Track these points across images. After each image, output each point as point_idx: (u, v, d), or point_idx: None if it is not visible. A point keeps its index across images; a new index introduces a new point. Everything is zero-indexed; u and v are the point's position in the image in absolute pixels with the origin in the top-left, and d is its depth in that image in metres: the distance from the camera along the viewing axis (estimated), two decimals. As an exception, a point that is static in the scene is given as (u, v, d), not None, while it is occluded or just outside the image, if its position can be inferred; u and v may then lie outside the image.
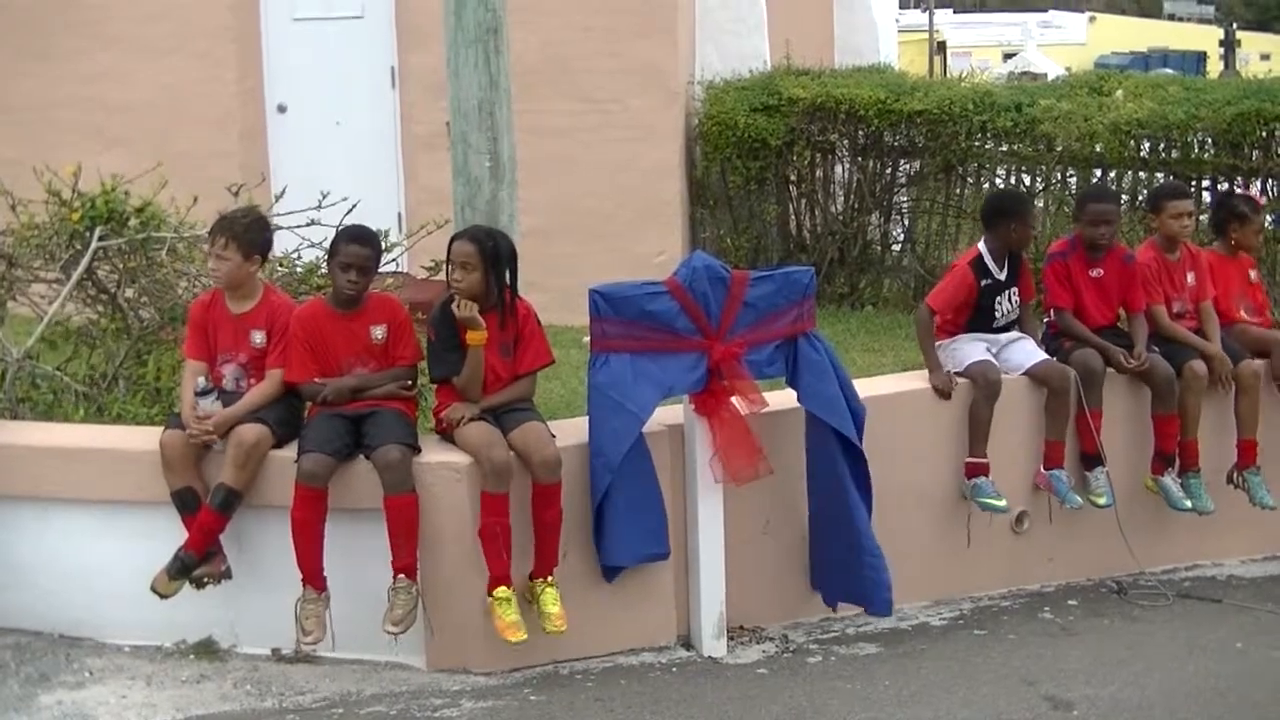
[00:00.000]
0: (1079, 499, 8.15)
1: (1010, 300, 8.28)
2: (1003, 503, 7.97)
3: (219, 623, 7.23)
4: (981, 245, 8.34)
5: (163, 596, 6.93)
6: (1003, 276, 8.25)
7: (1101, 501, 8.18)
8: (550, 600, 6.91)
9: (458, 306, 6.94)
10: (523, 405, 7.15)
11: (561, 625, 6.88)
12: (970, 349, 8.12)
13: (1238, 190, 10.44)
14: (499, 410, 7.04)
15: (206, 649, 7.22)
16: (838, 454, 7.36)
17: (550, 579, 6.96)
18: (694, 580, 7.41)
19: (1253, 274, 9.02)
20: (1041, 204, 12.87)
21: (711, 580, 7.38)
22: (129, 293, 8.56)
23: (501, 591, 6.80)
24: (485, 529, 6.78)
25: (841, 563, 7.51)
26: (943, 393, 8.01)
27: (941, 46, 49.79)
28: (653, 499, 7.22)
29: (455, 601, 6.99)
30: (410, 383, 7.26)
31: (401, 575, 6.78)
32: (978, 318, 8.23)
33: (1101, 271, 8.45)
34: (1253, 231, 8.91)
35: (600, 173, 12.77)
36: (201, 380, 7.05)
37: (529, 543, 6.94)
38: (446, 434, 7.06)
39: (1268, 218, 9.11)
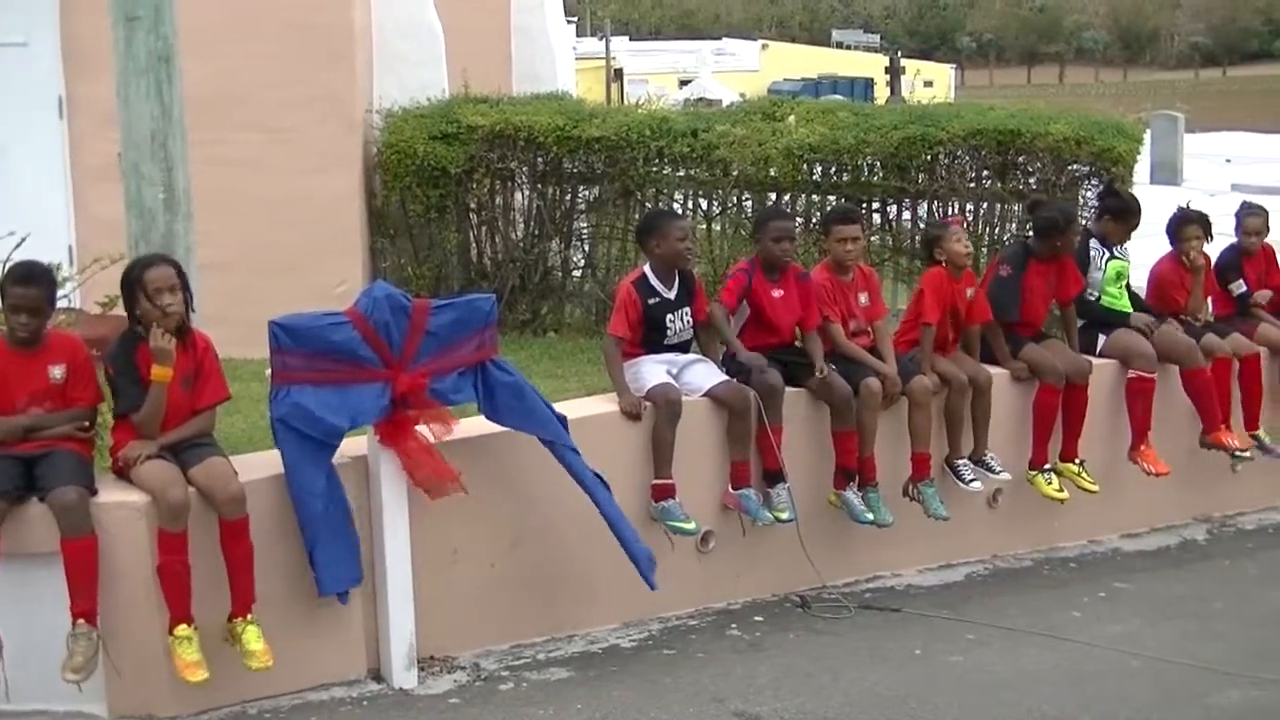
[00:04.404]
0: (769, 515, 8.32)
1: (682, 319, 8.41)
2: (691, 525, 8.09)
3: (-122, 680, 6.90)
4: (646, 265, 8.50)
5: None
6: (671, 295, 8.38)
7: (784, 516, 8.35)
8: (253, 638, 6.79)
9: (160, 335, 6.79)
10: (203, 441, 7.02)
11: (268, 661, 6.78)
12: (650, 372, 8.22)
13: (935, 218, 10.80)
14: (178, 447, 6.91)
15: None
16: (576, 460, 7.50)
17: (250, 616, 6.84)
18: (383, 611, 7.36)
19: (969, 291, 9.25)
20: (719, 228, 13.14)
21: (400, 611, 7.34)
22: None
23: (182, 630, 6.67)
24: (164, 568, 6.64)
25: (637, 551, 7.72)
26: (632, 415, 8.10)
27: (619, 73, 50.53)
28: (349, 525, 7.18)
29: (138, 645, 6.81)
30: (88, 424, 7.07)
31: (81, 620, 6.57)
32: (650, 336, 8.36)
33: (782, 292, 8.65)
34: (953, 241, 9.13)
35: (279, 203, 12.59)
36: None
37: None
38: (124, 473, 6.89)
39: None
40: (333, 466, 7.11)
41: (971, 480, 8.99)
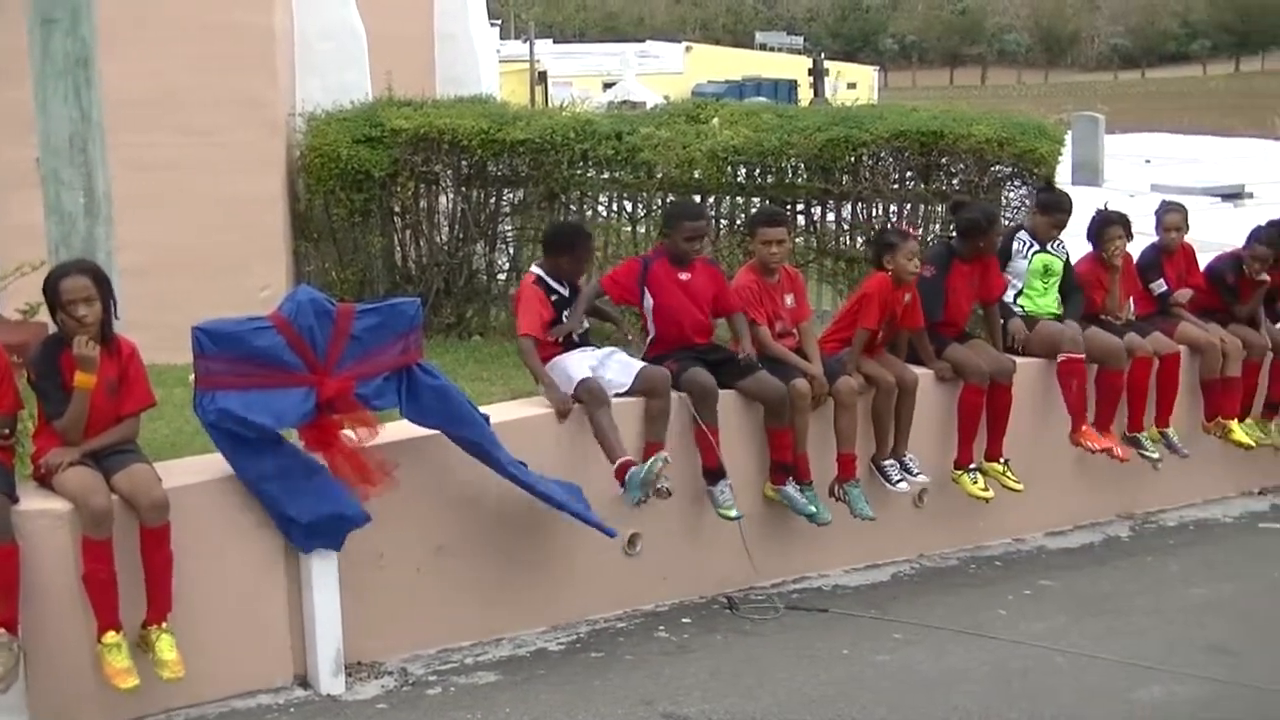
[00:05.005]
0: (659, 464, 8.01)
1: (578, 314, 8.42)
2: (660, 462, 7.97)
3: None
4: (536, 268, 8.50)
5: None
6: (566, 292, 8.41)
7: (731, 514, 8.34)
8: (166, 647, 6.73)
9: (84, 343, 6.71)
10: (127, 447, 6.95)
11: (179, 671, 6.71)
12: (574, 369, 8.20)
13: (891, 224, 10.85)
14: (101, 453, 6.84)
15: None
16: (503, 454, 7.52)
17: (164, 625, 6.78)
18: (309, 618, 7.31)
19: (906, 297, 9.23)
20: (643, 230, 13.15)
21: (327, 617, 7.30)
22: None
23: (110, 638, 6.60)
24: (89, 576, 6.57)
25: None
26: (561, 413, 8.08)
27: (543, 76, 50.47)
28: (321, 477, 7.18)
29: (61, 654, 6.73)
30: (7, 431, 6.98)
31: (2, 630, 6.49)
32: (548, 330, 8.32)
33: (689, 275, 8.63)
34: (903, 258, 9.10)
35: (201, 206, 12.51)
36: None
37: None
38: (46, 480, 6.81)
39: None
40: (279, 442, 7.11)
41: (898, 481, 9.02)
